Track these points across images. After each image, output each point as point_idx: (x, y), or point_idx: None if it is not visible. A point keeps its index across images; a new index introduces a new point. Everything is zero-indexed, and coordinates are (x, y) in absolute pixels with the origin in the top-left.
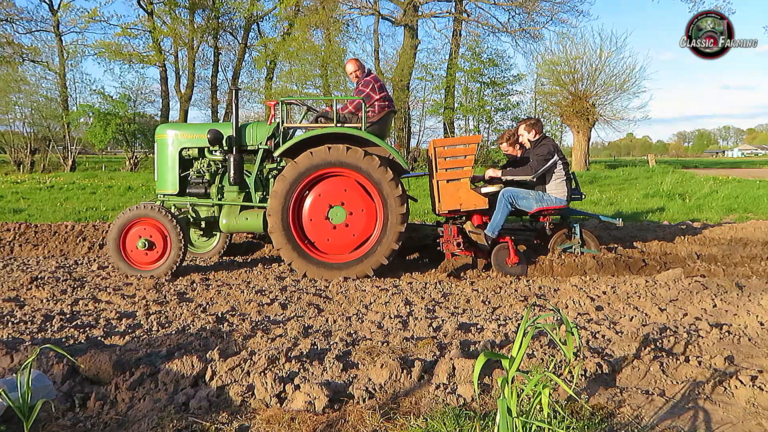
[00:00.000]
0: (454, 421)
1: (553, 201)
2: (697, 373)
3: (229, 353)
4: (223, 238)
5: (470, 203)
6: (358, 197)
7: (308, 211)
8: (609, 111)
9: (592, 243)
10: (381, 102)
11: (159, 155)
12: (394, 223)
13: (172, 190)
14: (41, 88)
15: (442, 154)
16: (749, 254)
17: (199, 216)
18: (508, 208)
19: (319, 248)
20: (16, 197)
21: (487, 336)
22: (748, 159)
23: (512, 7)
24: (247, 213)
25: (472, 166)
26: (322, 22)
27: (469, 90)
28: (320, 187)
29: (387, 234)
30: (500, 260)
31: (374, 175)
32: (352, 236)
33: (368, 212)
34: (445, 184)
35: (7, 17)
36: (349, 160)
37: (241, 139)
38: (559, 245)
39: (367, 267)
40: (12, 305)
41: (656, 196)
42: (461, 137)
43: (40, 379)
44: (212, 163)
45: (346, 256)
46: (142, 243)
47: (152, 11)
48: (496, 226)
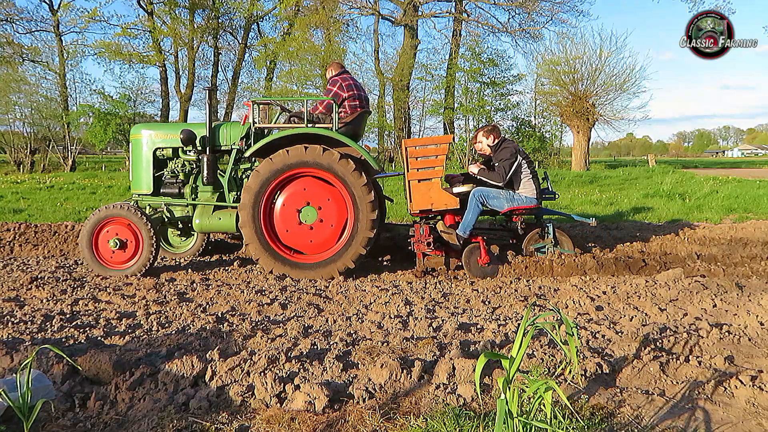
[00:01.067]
0: (454, 421)
1: (523, 200)
2: (697, 373)
3: (229, 353)
4: (200, 237)
5: (441, 203)
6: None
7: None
8: (609, 111)
9: (566, 242)
10: (351, 101)
11: (134, 155)
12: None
13: (147, 190)
14: (41, 88)
15: (414, 154)
16: (749, 254)
17: (174, 216)
18: (479, 208)
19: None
20: (16, 197)
21: (487, 336)
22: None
23: (512, 7)
24: (220, 213)
25: (444, 166)
26: (322, 22)
27: (469, 90)
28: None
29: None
30: (471, 260)
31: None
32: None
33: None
34: (416, 183)
35: (7, 17)
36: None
37: (214, 139)
38: (533, 245)
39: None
40: (12, 305)
41: (656, 196)
42: (433, 137)
43: (40, 379)
44: (186, 163)
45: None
46: (114, 242)
47: (152, 11)
48: (467, 226)
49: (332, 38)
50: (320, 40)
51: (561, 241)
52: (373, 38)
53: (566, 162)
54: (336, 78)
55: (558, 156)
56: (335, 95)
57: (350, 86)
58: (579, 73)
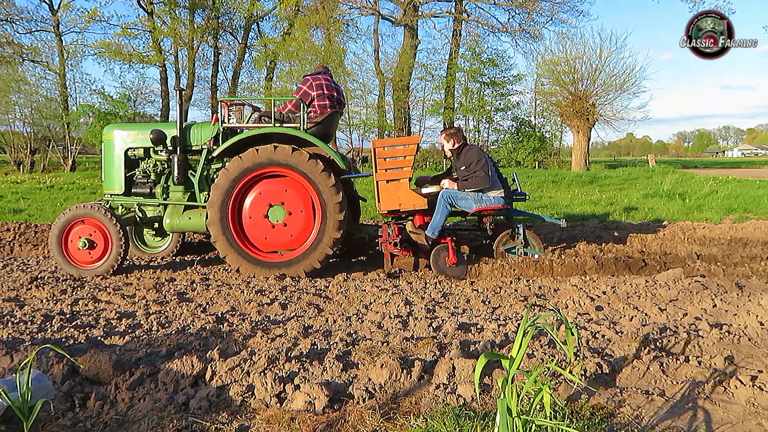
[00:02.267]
0: (454, 421)
1: (492, 201)
2: (697, 373)
3: (229, 353)
4: (175, 237)
5: (409, 203)
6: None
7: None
8: (609, 111)
9: (536, 243)
10: (321, 101)
11: (106, 155)
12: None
13: (119, 190)
14: (41, 88)
15: (382, 154)
16: (749, 254)
17: (146, 215)
18: (447, 209)
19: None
20: (16, 197)
21: (487, 336)
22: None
23: (512, 7)
24: (190, 212)
25: (412, 167)
26: (322, 22)
27: (469, 90)
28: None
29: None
30: (439, 261)
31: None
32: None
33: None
34: (384, 184)
35: (7, 17)
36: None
37: (185, 139)
38: (503, 246)
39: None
40: (12, 305)
41: (656, 196)
42: (401, 138)
43: (39, 379)
44: (158, 163)
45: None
46: (83, 242)
47: (152, 11)
48: (436, 227)
49: (332, 38)
50: (320, 40)
51: (531, 242)
52: (373, 38)
53: (566, 162)
54: (308, 77)
55: (558, 156)
56: (304, 94)
57: (320, 86)
58: (579, 73)
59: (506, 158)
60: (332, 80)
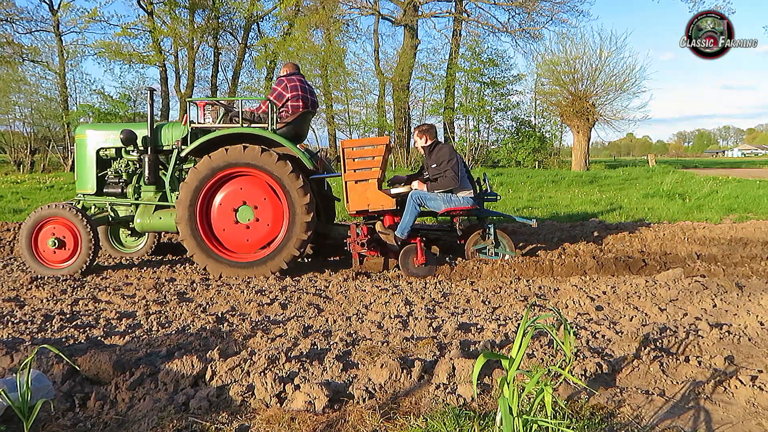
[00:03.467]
0: (454, 421)
1: (461, 201)
2: (697, 373)
3: (229, 353)
4: (151, 237)
5: (378, 204)
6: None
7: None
8: (609, 111)
9: (506, 244)
10: (294, 102)
11: (78, 155)
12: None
13: (91, 189)
14: (41, 88)
15: (351, 155)
16: (749, 254)
17: (118, 215)
18: (416, 210)
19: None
20: (16, 197)
21: (487, 336)
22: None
23: (512, 7)
24: (161, 212)
25: (381, 167)
26: (322, 22)
27: (469, 90)
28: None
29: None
30: (407, 261)
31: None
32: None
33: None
34: (353, 184)
35: (7, 17)
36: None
37: (156, 139)
38: (474, 246)
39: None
40: (12, 305)
41: (656, 196)
42: (370, 138)
43: (39, 379)
44: (130, 163)
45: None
46: (53, 242)
47: (152, 11)
48: (405, 227)
49: (332, 38)
50: (320, 40)
51: (502, 242)
52: (373, 38)
53: (566, 162)
54: (282, 78)
55: (558, 156)
56: (278, 95)
57: (295, 87)
58: (579, 73)
59: (506, 158)
60: (306, 81)
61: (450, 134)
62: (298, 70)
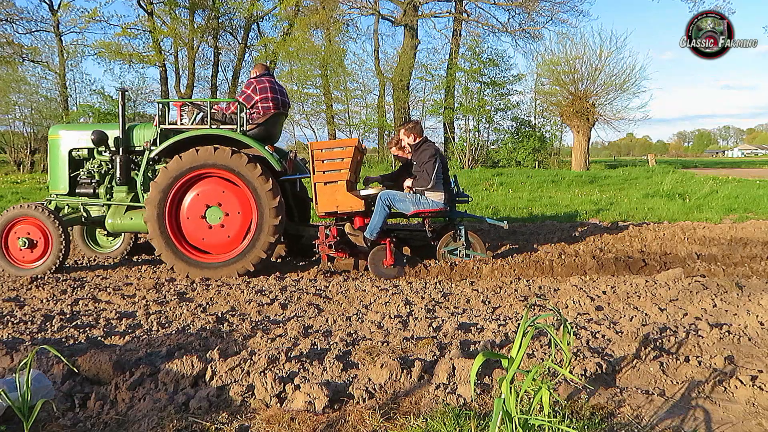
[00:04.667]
0: (454, 421)
1: (430, 204)
2: (697, 373)
3: (229, 353)
4: (127, 237)
5: (347, 205)
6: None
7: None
8: (609, 111)
9: (477, 245)
10: (264, 103)
11: (51, 156)
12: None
13: (63, 190)
14: (41, 88)
15: (320, 156)
16: (749, 254)
17: (90, 216)
18: (386, 211)
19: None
20: (16, 197)
21: (487, 336)
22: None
23: (512, 7)
24: (132, 213)
25: (350, 169)
26: (322, 22)
27: (469, 90)
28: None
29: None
30: (376, 262)
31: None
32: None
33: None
34: (322, 186)
35: (7, 17)
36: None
37: (128, 140)
38: (445, 247)
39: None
40: (12, 305)
41: (656, 196)
42: (339, 140)
43: (39, 379)
44: (102, 164)
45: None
46: (23, 242)
47: (152, 11)
48: (374, 229)
49: (332, 38)
50: (320, 40)
51: (473, 243)
52: (373, 38)
53: (566, 162)
54: (252, 80)
55: (558, 156)
56: (247, 97)
57: (264, 89)
58: (579, 73)
59: (506, 158)
60: (276, 82)
61: (450, 134)
62: (268, 71)
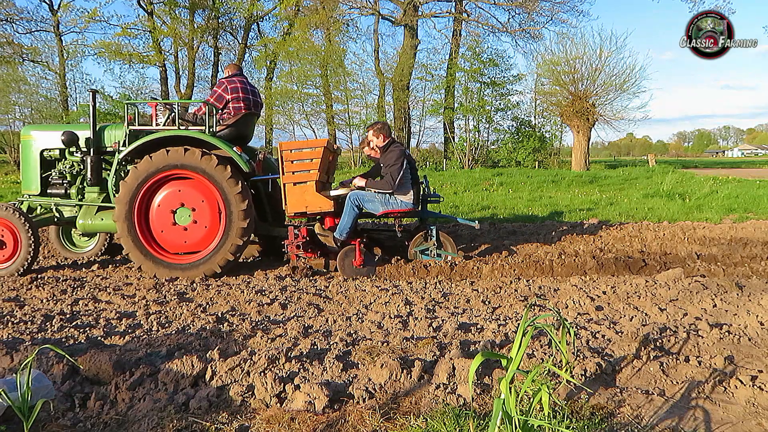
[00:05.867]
0: (453, 421)
1: (399, 204)
2: (697, 373)
3: (229, 353)
4: (102, 237)
5: (316, 206)
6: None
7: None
8: (609, 111)
9: (449, 245)
10: (235, 104)
11: (23, 156)
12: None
13: (35, 190)
14: (41, 88)
15: (289, 157)
16: (749, 254)
17: (63, 216)
18: (355, 211)
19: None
20: (16, 197)
21: (487, 336)
22: (748, 159)
23: (512, 7)
24: (103, 213)
25: (320, 169)
26: (322, 22)
27: (469, 90)
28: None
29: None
30: (345, 262)
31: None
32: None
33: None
34: (291, 186)
35: (7, 17)
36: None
37: (99, 140)
38: (416, 247)
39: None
40: (12, 305)
41: (656, 196)
42: (308, 141)
43: (39, 379)
44: (74, 164)
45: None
46: None
47: (152, 11)
48: (343, 229)
49: (332, 38)
50: (320, 40)
51: (444, 243)
52: (373, 38)
53: (566, 162)
54: (223, 80)
55: (558, 156)
56: (218, 97)
57: (235, 89)
58: (579, 73)
59: (506, 158)
60: (248, 82)
61: (450, 134)
62: (240, 72)
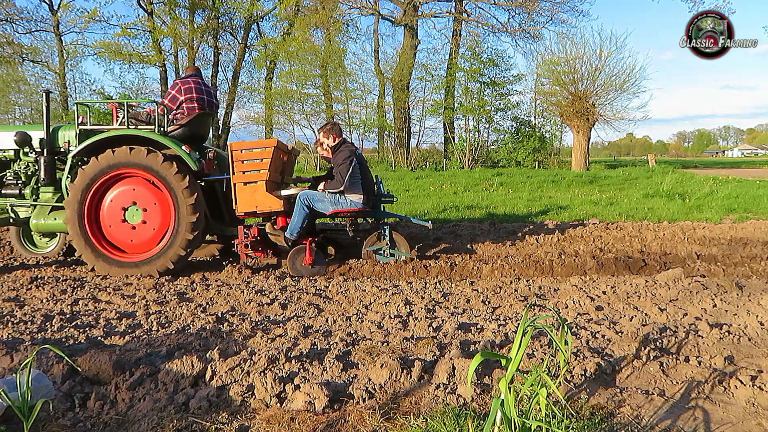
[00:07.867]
0: (453, 421)
1: (348, 204)
2: (697, 373)
3: (229, 353)
4: (63, 237)
5: (266, 205)
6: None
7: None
8: (609, 111)
9: (402, 245)
10: (189, 104)
11: None
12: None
13: None
14: (41, 88)
15: (239, 157)
16: (749, 254)
17: (18, 216)
18: (305, 211)
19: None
20: None
21: (487, 336)
22: (748, 159)
23: (512, 7)
24: (57, 213)
25: (270, 169)
26: (322, 22)
27: (469, 90)
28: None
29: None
30: (295, 261)
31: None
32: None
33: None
34: (241, 186)
35: (7, 17)
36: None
37: (52, 141)
38: (369, 247)
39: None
40: (12, 305)
41: (656, 196)
42: (258, 141)
43: (39, 379)
44: (29, 165)
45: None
46: None
47: (152, 11)
48: (294, 228)
49: (332, 38)
50: (320, 40)
51: (398, 243)
52: (373, 38)
53: (566, 162)
54: (178, 81)
55: (558, 156)
56: (172, 98)
57: (189, 89)
58: (579, 73)
59: (506, 158)
60: (203, 83)
61: (450, 134)
62: (198, 72)
